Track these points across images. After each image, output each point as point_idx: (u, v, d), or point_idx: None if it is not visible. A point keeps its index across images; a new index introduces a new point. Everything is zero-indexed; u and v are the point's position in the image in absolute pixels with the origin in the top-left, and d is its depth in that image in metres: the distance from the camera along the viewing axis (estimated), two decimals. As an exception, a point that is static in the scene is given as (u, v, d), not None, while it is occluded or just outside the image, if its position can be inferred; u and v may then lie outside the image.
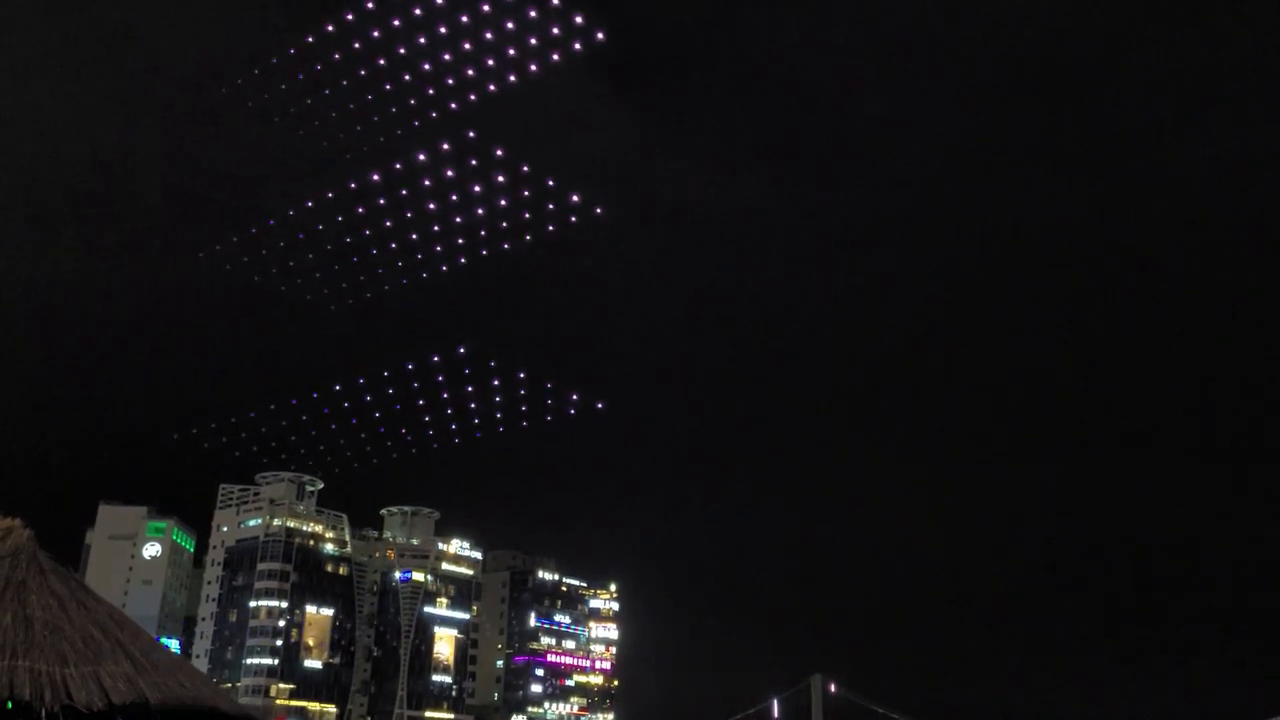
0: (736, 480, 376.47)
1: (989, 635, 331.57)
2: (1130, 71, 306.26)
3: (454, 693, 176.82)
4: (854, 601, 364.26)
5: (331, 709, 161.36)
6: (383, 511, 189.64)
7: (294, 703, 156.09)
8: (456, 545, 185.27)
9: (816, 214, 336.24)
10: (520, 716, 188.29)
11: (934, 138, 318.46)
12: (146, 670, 13.09)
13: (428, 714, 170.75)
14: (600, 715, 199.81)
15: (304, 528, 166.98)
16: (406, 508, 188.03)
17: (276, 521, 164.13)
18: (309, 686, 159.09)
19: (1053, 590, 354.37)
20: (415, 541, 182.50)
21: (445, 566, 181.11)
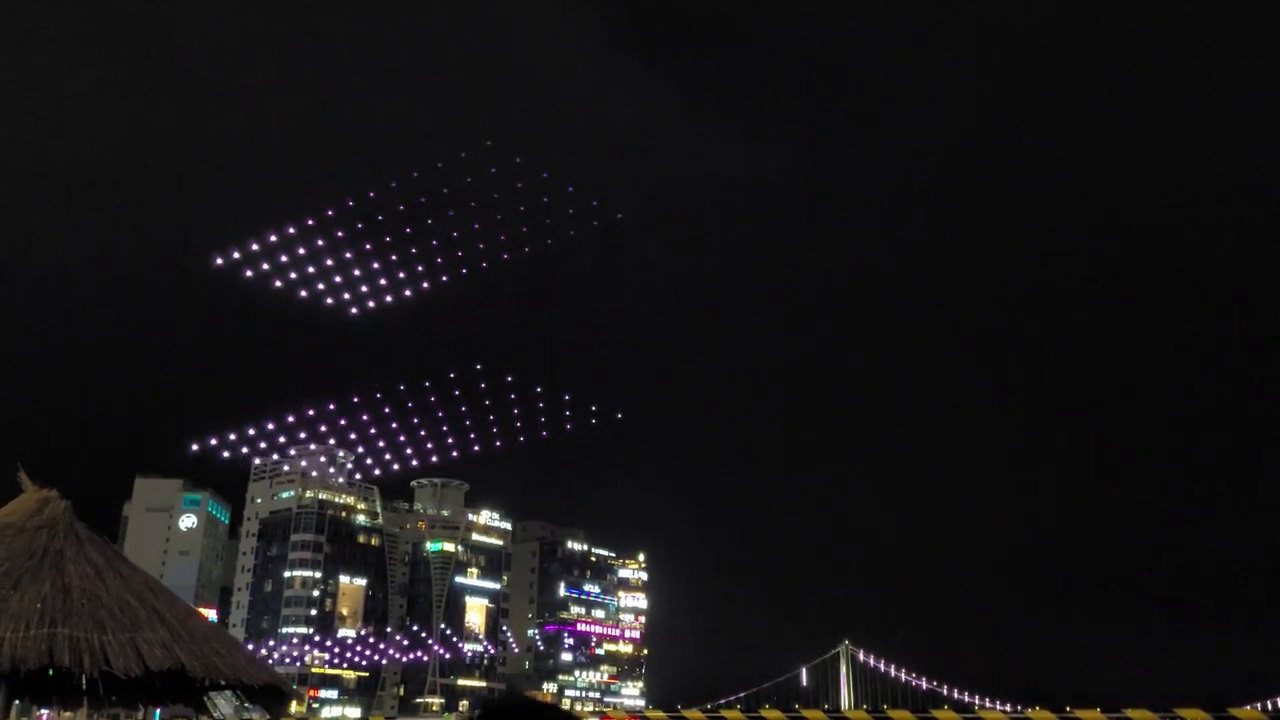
0: (764, 452, 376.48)
1: (1017, 603, 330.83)
2: (1147, 38, 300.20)
3: (485, 661, 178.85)
4: (883, 571, 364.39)
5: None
6: (413, 483, 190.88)
7: (329, 671, 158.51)
8: (486, 516, 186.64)
9: (842, 182, 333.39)
10: (551, 684, 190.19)
11: (957, 105, 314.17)
12: (183, 638, 13.22)
13: (460, 682, 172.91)
14: (630, 683, 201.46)
15: (336, 499, 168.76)
16: (436, 480, 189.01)
17: (309, 494, 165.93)
18: (343, 655, 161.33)
19: (1076, 560, 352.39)
20: (445, 513, 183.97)
21: (475, 537, 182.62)
